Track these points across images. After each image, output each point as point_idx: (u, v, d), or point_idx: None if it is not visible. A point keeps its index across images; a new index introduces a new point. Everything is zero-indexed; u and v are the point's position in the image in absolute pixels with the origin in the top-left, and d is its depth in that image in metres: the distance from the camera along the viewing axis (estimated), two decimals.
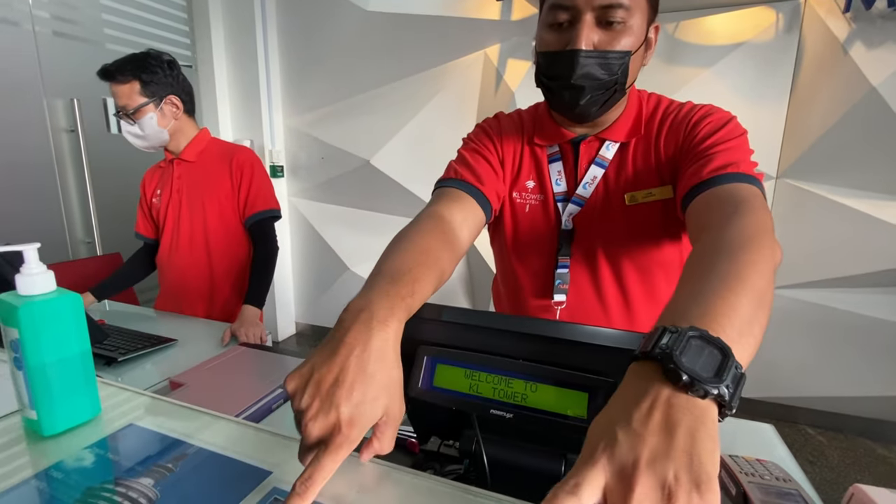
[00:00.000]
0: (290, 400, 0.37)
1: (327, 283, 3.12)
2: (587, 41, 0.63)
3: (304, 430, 0.35)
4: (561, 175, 0.76)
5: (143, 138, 1.26)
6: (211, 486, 0.38)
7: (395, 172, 2.72)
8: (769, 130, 2.07)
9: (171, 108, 1.27)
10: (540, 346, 0.42)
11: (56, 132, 2.19)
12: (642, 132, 0.73)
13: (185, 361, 0.98)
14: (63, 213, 2.26)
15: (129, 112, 1.20)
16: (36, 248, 0.44)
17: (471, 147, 0.79)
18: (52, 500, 0.37)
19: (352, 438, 0.34)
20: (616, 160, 0.74)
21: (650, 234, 0.75)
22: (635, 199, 0.73)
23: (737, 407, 0.31)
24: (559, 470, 0.45)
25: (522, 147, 0.79)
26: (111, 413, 0.50)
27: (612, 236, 0.75)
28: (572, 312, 0.79)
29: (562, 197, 0.76)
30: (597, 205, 0.75)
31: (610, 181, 0.74)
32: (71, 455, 0.43)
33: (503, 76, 2.41)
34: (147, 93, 1.21)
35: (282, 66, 2.89)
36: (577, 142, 0.75)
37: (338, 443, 0.34)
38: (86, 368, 0.47)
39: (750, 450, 0.71)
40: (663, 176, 0.72)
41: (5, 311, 0.43)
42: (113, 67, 1.19)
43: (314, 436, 0.35)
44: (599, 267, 0.77)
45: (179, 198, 1.35)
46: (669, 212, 0.72)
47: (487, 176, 0.75)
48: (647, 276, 0.78)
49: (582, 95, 0.66)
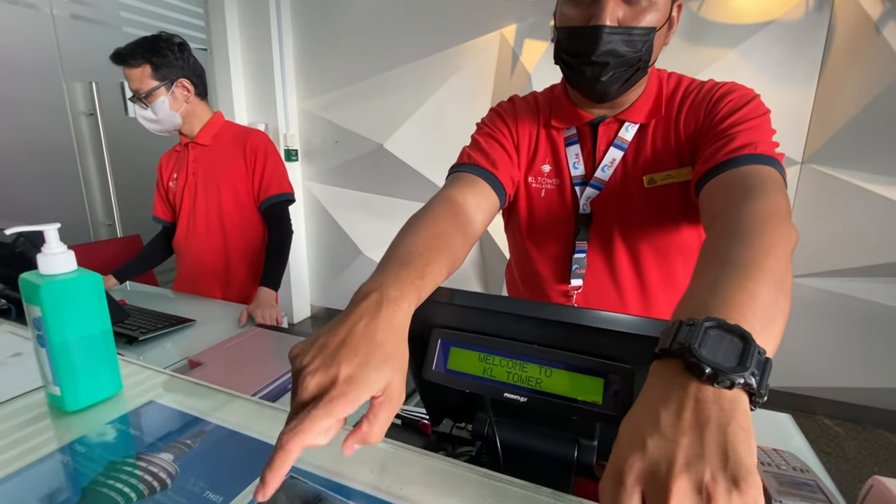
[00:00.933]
0: (292, 363, 0.35)
1: (341, 267, 3.15)
2: (612, 16, 0.60)
3: (301, 384, 0.32)
4: (578, 158, 0.75)
5: (157, 122, 1.26)
6: (228, 463, 0.39)
7: (409, 156, 2.70)
8: (796, 114, 1.99)
9: (183, 91, 1.26)
10: (555, 331, 0.41)
11: (76, 115, 2.22)
12: (662, 113, 0.71)
13: (203, 341, 1.00)
14: (84, 195, 2.30)
15: (142, 96, 1.21)
16: (56, 228, 0.45)
17: (485, 132, 0.78)
18: (75, 473, 0.38)
19: (350, 397, 0.31)
20: (635, 142, 0.72)
21: (669, 217, 0.73)
22: (654, 181, 0.71)
23: (767, 394, 0.29)
24: (572, 455, 0.44)
25: (538, 130, 0.78)
26: (132, 390, 0.51)
27: (631, 220, 0.74)
28: (588, 297, 0.78)
29: (580, 180, 0.75)
30: (615, 188, 0.73)
31: (629, 164, 0.73)
32: (93, 430, 0.44)
33: (520, 57, 2.35)
34: (158, 76, 1.21)
35: (296, 48, 2.88)
36: (595, 124, 0.74)
37: (333, 396, 0.31)
38: (107, 346, 0.48)
39: (766, 439, 0.70)
40: (683, 157, 0.70)
41: (28, 289, 0.44)
42: (125, 51, 1.19)
43: (310, 390, 0.32)
44: (617, 251, 0.76)
45: (195, 181, 1.35)
46: (689, 194, 0.69)
47: (502, 160, 0.74)
48: (665, 261, 0.76)
49: (604, 72, 0.64)
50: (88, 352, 0.46)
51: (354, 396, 0.31)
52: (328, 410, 0.30)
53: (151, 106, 1.23)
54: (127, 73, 1.20)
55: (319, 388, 0.32)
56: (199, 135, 1.33)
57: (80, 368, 0.46)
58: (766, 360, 0.30)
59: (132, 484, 0.36)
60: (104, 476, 0.37)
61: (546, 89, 0.82)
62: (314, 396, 0.31)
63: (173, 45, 1.24)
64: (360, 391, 0.32)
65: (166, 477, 0.37)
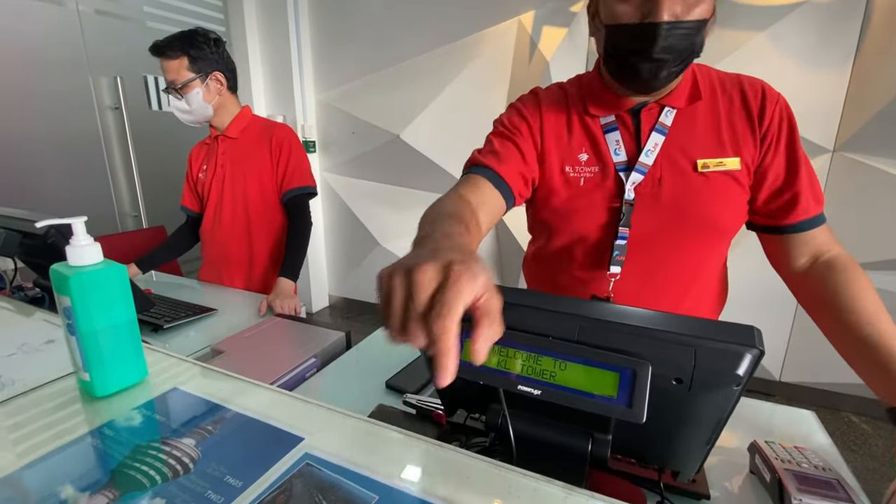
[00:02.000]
0: (384, 278, 0.34)
1: (359, 258, 3.18)
2: (670, 12, 0.60)
3: (414, 276, 0.31)
4: (619, 144, 0.74)
5: (189, 112, 1.30)
6: (247, 449, 0.40)
7: (425, 147, 2.69)
8: (828, 100, 1.91)
9: (216, 84, 1.31)
10: (570, 325, 0.41)
11: (102, 109, 2.28)
12: (701, 97, 0.73)
13: (224, 330, 1.03)
14: (111, 187, 2.37)
15: (178, 86, 1.25)
16: (83, 221, 0.46)
17: (500, 131, 0.78)
18: (105, 456, 0.40)
19: (472, 280, 0.30)
20: (676, 126, 0.73)
21: (712, 202, 0.73)
22: (707, 166, 0.72)
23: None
24: (586, 448, 0.44)
25: (570, 119, 0.77)
26: (157, 377, 0.53)
27: (674, 204, 0.74)
28: (626, 284, 0.78)
29: (623, 166, 0.74)
30: (658, 172, 0.73)
31: (670, 148, 0.73)
32: (121, 415, 0.46)
33: (537, 45, 2.31)
34: (194, 68, 1.26)
35: (313, 40, 2.89)
36: (636, 110, 0.74)
37: (457, 273, 0.30)
38: (132, 335, 0.50)
39: (788, 437, 0.68)
40: (732, 148, 0.72)
41: (58, 279, 0.45)
42: (163, 43, 1.24)
43: (427, 274, 0.31)
44: (656, 237, 0.75)
45: (223, 173, 1.39)
46: (732, 183, 0.72)
47: (512, 161, 0.75)
48: (703, 246, 0.77)
49: (662, 69, 0.64)
50: (115, 340, 0.48)
51: (472, 285, 0.31)
52: (457, 291, 0.30)
53: (186, 97, 1.27)
54: (164, 64, 1.25)
55: (438, 271, 0.31)
56: (228, 128, 1.37)
57: (107, 356, 0.47)
58: None
59: (157, 467, 0.38)
60: (131, 459, 0.39)
61: (572, 79, 0.82)
62: (433, 282, 0.31)
63: (210, 40, 1.29)
64: (478, 279, 0.31)
65: (189, 461, 0.39)
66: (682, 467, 0.47)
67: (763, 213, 0.75)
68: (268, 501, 0.34)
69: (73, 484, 0.36)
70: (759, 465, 0.57)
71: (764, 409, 0.76)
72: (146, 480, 0.36)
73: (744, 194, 0.73)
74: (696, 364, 0.37)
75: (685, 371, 0.37)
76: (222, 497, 0.35)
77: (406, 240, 3.28)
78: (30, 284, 1.16)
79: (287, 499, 0.35)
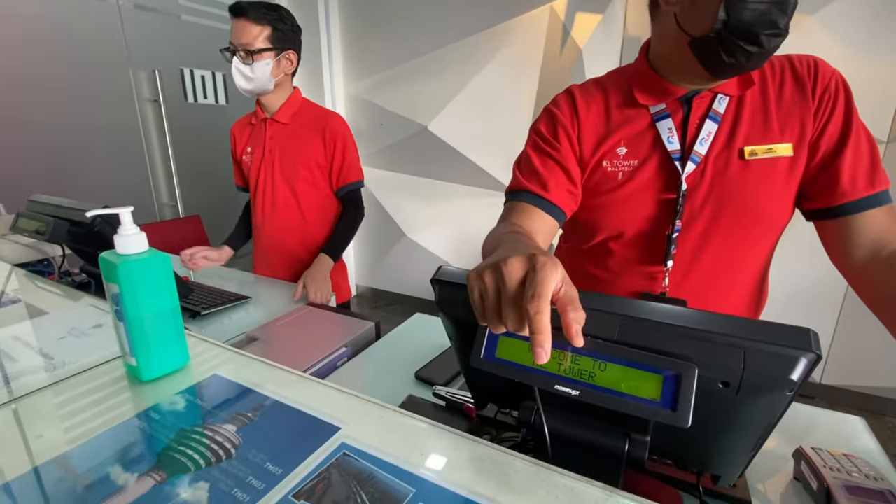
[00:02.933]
0: (474, 277, 0.38)
1: (385, 248, 3.20)
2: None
3: (505, 269, 0.36)
4: (672, 132, 0.72)
5: (251, 80, 1.26)
6: (286, 438, 0.41)
7: (453, 139, 2.68)
8: (882, 87, 1.79)
9: (287, 64, 1.30)
10: (610, 324, 0.40)
11: (141, 102, 2.36)
12: (755, 83, 0.70)
13: (258, 317, 1.06)
14: (150, 177, 2.46)
15: (252, 50, 1.22)
16: (130, 210, 0.48)
17: (539, 147, 0.77)
18: (151, 438, 0.41)
19: (553, 259, 0.35)
20: (730, 114, 0.71)
21: (763, 189, 0.70)
22: (755, 153, 0.69)
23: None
24: (622, 448, 0.43)
25: (608, 115, 0.76)
26: (198, 363, 0.55)
27: (726, 194, 0.71)
28: (677, 277, 0.76)
29: (677, 155, 0.72)
30: (712, 161, 0.71)
31: (724, 136, 0.70)
32: (165, 399, 0.47)
33: (570, 32, 2.25)
34: (273, 40, 1.24)
35: (342, 33, 2.90)
36: (687, 98, 0.72)
37: (541, 262, 0.35)
38: (176, 322, 0.51)
39: (836, 443, 0.65)
40: (784, 132, 0.69)
41: (107, 267, 0.47)
42: (247, 4, 1.21)
43: (517, 268, 0.35)
44: (709, 228, 0.73)
45: (272, 158, 1.37)
46: (782, 170, 0.69)
47: (558, 180, 0.75)
48: (748, 239, 0.74)
49: (764, 55, 0.61)
50: (160, 326, 0.49)
51: (555, 260, 0.35)
52: (546, 275, 0.34)
53: (253, 64, 1.24)
54: (242, 24, 1.21)
55: (523, 265, 0.36)
56: (279, 111, 1.35)
57: (152, 341, 0.49)
58: None
59: (201, 451, 0.39)
60: (176, 442, 0.40)
61: (612, 72, 0.80)
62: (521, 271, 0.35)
63: (293, 19, 1.29)
64: (556, 260, 0.36)
65: (231, 447, 0.40)
66: (723, 472, 0.45)
67: (813, 190, 0.70)
68: (307, 490, 0.35)
69: (122, 464, 0.38)
70: (805, 471, 0.55)
71: (809, 414, 0.73)
72: (191, 464, 0.38)
73: (793, 183, 0.70)
74: (746, 367, 0.35)
75: (733, 374, 0.36)
76: (263, 483, 0.36)
77: (432, 230, 3.26)
78: (76, 270, 1.22)
79: (325, 488, 0.35)
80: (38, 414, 0.45)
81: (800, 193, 0.71)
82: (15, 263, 1.06)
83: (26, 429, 0.43)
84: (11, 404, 0.47)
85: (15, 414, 0.45)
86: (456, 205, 2.81)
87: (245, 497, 0.34)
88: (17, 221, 1.06)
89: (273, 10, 1.24)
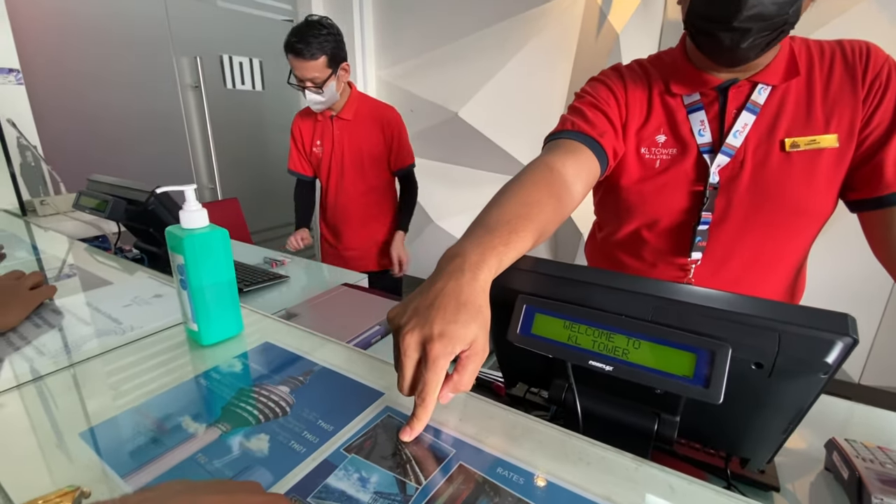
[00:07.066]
0: (390, 323, 0.41)
1: (413, 235, 3.23)
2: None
3: (402, 342, 0.38)
4: (704, 125, 0.71)
5: (324, 102, 1.45)
6: (335, 400, 0.44)
7: (484, 125, 2.67)
8: None
9: (344, 73, 1.46)
10: (643, 305, 0.41)
11: (183, 87, 2.45)
12: (800, 73, 0.67)
13: (295, 296, 1.11)
14: (191, 160, 2.56)
15: (320, 84, 1.38)
16: (193, 188, 0.52)
17: (587, 100, 0.75)
18: (214, 395, 0.45)
19: (446, 351, 0.37)
20: (770, 105, 0.68)
21: (805, 182, 0.68)
22: (797, 145, 0.67)
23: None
24: (651, 427, 0.45)
25: (650, 99, 0.74)
26: (249, 332, 0.59)
27: (763, 186, 0.70)
28: (706, 269, 0.75)
29: (707, 148, 0.71)
30: (748, 154, 0.69)
31: (763, 128, 0.68)
32: (224, 362, 0.52)
33: (607, 16, 2.20)
34: (331, 63, 1.39)
35: (375, 19, 2.91)
36: (723, 88, 0.70)
37: (434, 356, 0.37)
38: (232, 292, 0.55)
39: (872, 436, 0.64)
40: (830, 123, 0.66)
41: (173, 240, 0.51)
42: (302, 46, 1.32)
43: (410, 346, 0.38)
44: (743, 222, 0.72)
45: (342, 151, 1.57)
46: (826, 162, 0.67)
47: (605, 129, 0.71)
48: (786, 233, 0.72)
49: (744, 39, 0.59)
50: (219, 295, 0.54)
51: (449, 351, 0.37)
52: (434, 370, 0.37)
53: (323, 89, 1.40)
54: (303, 64, 1.35)
55: (417, 343, 0.38)
56: (343, 110, 1.55)
57: (212, 309, 0.53)
58: None
59: (259, 408, 0.43)
60: (237, 399, 0.44)
61: (652, 56, 0.78)
62: (415, 351, 0.38)
63: (336, 32, 1.39)
64: (453, 345, 0.37)
65: (286, 405, 0.43)
66: (753, 455, 0.46)
67: (857, 180, 0.67)
68: (356, 445, 0.38)
69: (191, 416, 0.42)
70: (837, 461, 0.55)
71: (845, 407, 0.72)
72: (251, 418, 0.41)
73: (838, 175, 0.67)
74: (780, 349, 0.36)
75: (767, 356, 0.37)
76: (317, 437, 0.39)
77: (460, 218, 3.26)
78: (128, 247, 1.30)
79: (373, 445, 0.38)
80: (115, 370, 0.50)
81: (844, 184, 0.69)
82: (75, 238, 1.15)
83: (106, 381, 0.48)
84: (93, 359, 0.52)
85: (95, 370, 0.51)
86: (485, 192, 2.80)
87: (302, 449, 0.38)
88: (80, 199, 1.14)
89: (319, 37, 1.33)
